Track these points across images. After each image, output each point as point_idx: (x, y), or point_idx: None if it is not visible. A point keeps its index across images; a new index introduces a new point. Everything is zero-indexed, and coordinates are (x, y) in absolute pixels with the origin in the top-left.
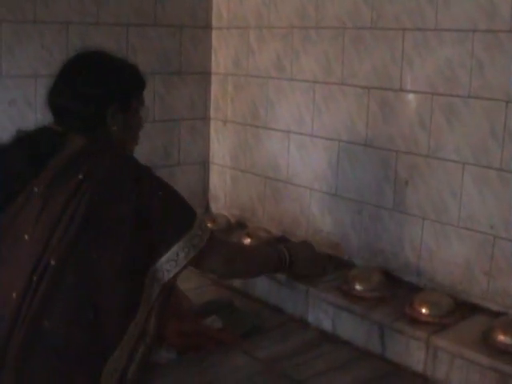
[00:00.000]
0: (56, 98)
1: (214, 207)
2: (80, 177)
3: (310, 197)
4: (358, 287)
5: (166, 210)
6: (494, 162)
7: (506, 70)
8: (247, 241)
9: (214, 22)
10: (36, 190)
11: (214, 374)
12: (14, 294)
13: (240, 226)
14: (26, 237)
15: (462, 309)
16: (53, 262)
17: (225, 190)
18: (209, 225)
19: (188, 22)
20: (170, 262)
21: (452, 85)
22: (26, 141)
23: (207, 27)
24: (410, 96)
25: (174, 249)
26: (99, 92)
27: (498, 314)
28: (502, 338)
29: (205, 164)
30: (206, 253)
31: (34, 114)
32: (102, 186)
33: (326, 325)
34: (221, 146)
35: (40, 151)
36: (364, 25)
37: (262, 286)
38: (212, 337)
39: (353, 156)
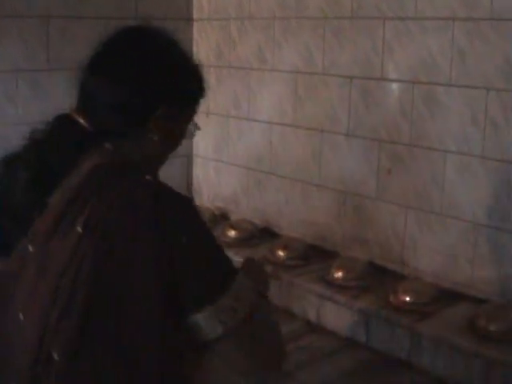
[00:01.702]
0: (95, 79)
1: (198, 200)
2: (78, 229)
3: (292, 187)
4: (342, 277)
5: (188, 263)
6: (476, 149)
7: (486, 57)
8: (231, 233)
9: (195, 14)
10: (31, 248)
11: None
12: None
13: (224, 217)
14: (21, 316)
15: (445, 296)
16: (56, 356)
17: (208, 183)
18: None
19: (169, 14)
20: (196, 333)
21: (433, 73)
22: (34, 152)
23: (188, 19)
24: (392, 85)
25: (196, 318)
26: (157, 81)
27: (481, 301)
28: (485, 324)
29: (188, 157)
30: (233, 339)
31: (15, 110)
32: (108, 240)
33: (311, 315)
34: (204, 139)
35: (52, 169)
36: (344, 14)
37: None
38: None
39: (335, 146)
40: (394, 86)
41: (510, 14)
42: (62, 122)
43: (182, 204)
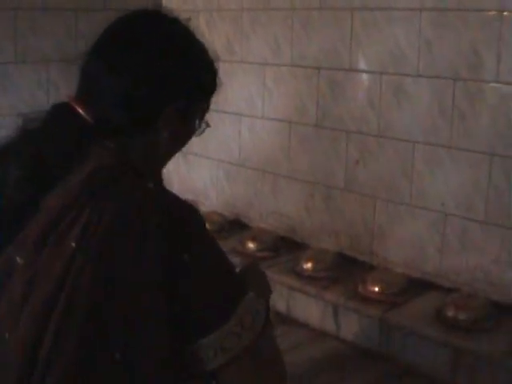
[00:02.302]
0: (98, 66)
1: None
2: (72, 244)
3: (262, 179)
4: (311, 268)
5: (192, 285)
6: (444, 140)
7: (453, 48)
8: None
9: (164, 6)
10: (18, 260)
11: None
12: None
13: None
14: (7, 335)
15: (414, 286)
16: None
17: (178, 175)
18: None
19: (138, 5)
20: (206, 353)
21: (400, 64)
22: (29, 146)
23: None
24: (360, 76)
25: (196, 345)
26: (169, 74)
27: (450, 291)
28: (454, 313)
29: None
30: (236, 367)
31: None
32: (104, 257)
33: (281, 306)
34: None
35: (48, 166)
36: (313, 5)
37: None
38: None
39: (304, 137)
40: (362, 76)
41: (476, 5)
42: (60, 112)
43: (187, 216)
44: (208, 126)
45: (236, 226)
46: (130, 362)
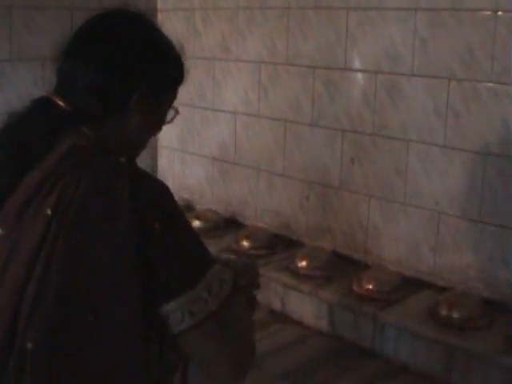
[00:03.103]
0: (71, 60)
1: None
2: (48, 212)
3: (257, 177)
4: (306, 266)
5: (162, 251)
6: (438, 139)
7: (448, 47)
8: (196, 223)
9: (160, 5)
10: (0, 231)
11: None
12: None
13: (189, 208)
14: None
15: (408, 285)
16: (29, 345)
17: (173, 173)
18: None
19: (134, 4)
20: (170, 318)
21: (395, 63)
22: (10, 134)
23: (152, 9)
24: (355, 75)
25: (165, 308)
26: (135, 62)
27: (444, 289)
28: (447, 312)
29: (153, 147)
30: (203, 331)
31: None
32: (79, 223)
33: (276, 304)
34: (168, 129)
35: (23, 156)
36: (308, 5)
37: None
38: None
39: (299, 136)
40: (357, 75)
41: (471, 4)
42: (40, 103)
43: (157, 189)
44: (177, 112)
45: (231, 224)
46: (102, 325)
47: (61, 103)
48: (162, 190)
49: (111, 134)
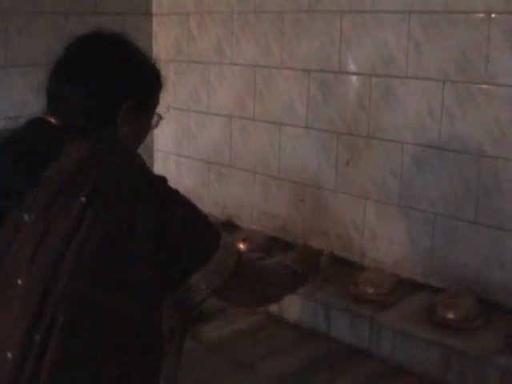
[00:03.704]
0: (59, 83)
1: None
2: (82, 199)
3: (253, 180)
4: None
5: (187, 232)
6: (433, 140)
7: (442, 50)
8: None
9: (155, 9)
10: (27, 217)
11: None
12: (10, 355)
13: None
14: (19, 281)
15: (404, 286)
16: (62, 318)
17: (169, 177)
18: None
19: (128, 9)
20: (192, 293)
21: (390, 66)
22: (14, 143)
23: (147, 14)
24: (349, 78)
25: (196, 276)
26: (117, 80)
27: (440, 291)
28: (444, 313)
29: (148, 151)
30: (231, 282)
31: None
32: (112, 210)
33: (272, 307)
34: (164, 133)
35: (34, 158)
36: (302, 8)
37: None
38: None
39: (294, 139)
40: (352, 78)
41: (464, 7)
42: (34, 121)
43: (166, 181)
44: (161, 117)
45: (227, 227)
46: (124, 305)
47: (52, 120)
48: (167, 182)
49: (109, 144)
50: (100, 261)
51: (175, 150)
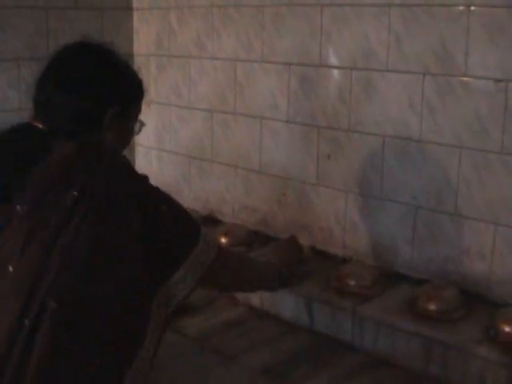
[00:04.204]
0: (46, 90)
1: None
2: (74, 193)
3: (234, 175)
4: None
5: (170, 227)
6: (413, 134)
7: (422, 43)
8: None
9: (135, 3)
10: (19, 208)
11: None
12: None
13: None
14: (11, 268)
15: (387, 279)
16: (53, 305)
17: (150, 171)
18: None
19: (109, 3)
20: (179, 285)
21: (370, 59)
22: (3, 142)
23: (128, 9)
24: (330, 71)
25: (182, 270)
26: (103, 87)
27: (421, 282)
28: (425, 304)
29: (130, 146)
30: (214, 269)
31: None
32: (102, 204)
33: (255, 300)
34: (145, 128)
35: (23, 155)
36: (282, 1)
37: None
38: None
39: (275, 133)
40: (332, 72)
41: (444, 0)
42: (21, 126)
43: (147, 179)
44: (143, 124)
45: (209, 221)
46: (112, 299)
47: (40, 125)
48: (148, 180)
49: (96, 147)
50: (88, 257)
51: (156, 144)
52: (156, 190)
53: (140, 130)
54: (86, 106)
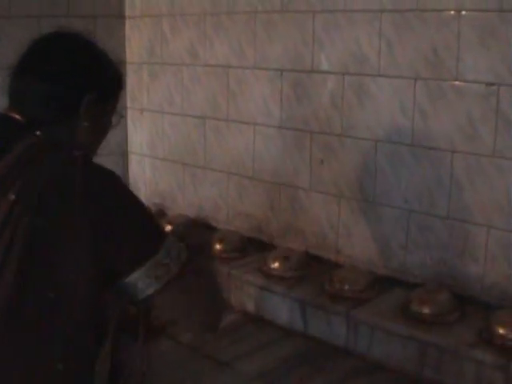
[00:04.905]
0: (21, 79)
1: None
2: (12, 197)
3: (228, 181)
4: (278, 267)
5: (121, 228)
6: (405, 138)
7: (413, 48)
8: (168, 228)
9: (128, 11)
10: None
11: None
12: None
13: (161, 213)
14: None
15: (380, 283)
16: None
17: (144, 179)
18: None
19: (101, 11)
20: (136, 288)
21: (362, 64)
22: None
23: (120, 17)
24: (322, 77)
25: (133, 277)
26: (78, 73)
27: (415, 286)
28: (419, 308)
29: (123, 154)
30: (171, 291)
31: None
32: (40, 206)
33: (249, 306)
34: (138, 135)
35: None
36: (275, 8)
37: None
38: None
39: (268, 138)
40: (325, 77)
41: (435, 5)
42: None
43: (107, 174)
44: (121, 116)
45: (203, 227)
46: (62, 300)
47: (17, 117)
48: (114, 176)
49: (63, 137)
50: (29, 260)
51: (149, 152)
52: (111, 185)
53: (118, 122)
54: (60, 91)
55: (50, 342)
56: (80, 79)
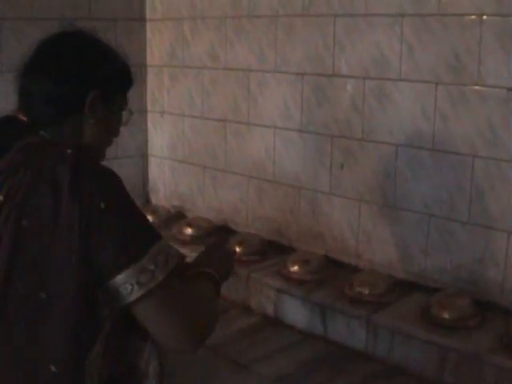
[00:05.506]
0: (28, 79)
1: (154, 199)
2: (0, 198)
3: (248, 184)
4: (298, 271)
5: (109, 229)
6: (426, 142)
7: (434, 52)
8: (188, 230)
9: (149, 14)
10: None
11: None
12: None
13: (181, 216)
14: None
15: (400, 287)
16: None
17: (164, 182)
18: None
19: (122, 14)
20: (122, 291)
21: (383, 68)
22: None
23: (141, 19)
24: (343, 81)
25: (118, 279)
26: (82, 71)
27: (435, 291)
28: (439, 313)
29: (143, 156)
30: (152, 301)
31: None
32: (26, 206)
33: (269, 309)
34: (159, 138)
35: None
36: (296, 12)
37: None
38: None
39: (288, 142)
40: (345, 81)
41: (456, 9)
42: (4, 120)
43: (103, 175)
44: (131, 113)
45: (223, 231)
46: (54, 301)
47: (22, 117)
48: (109, 176)
49: (68, 136)
50: (18, 262)
51: (170, 155)
52: (101, 184)
53: (129, 119)
54: (64, 89)
55: (43, 342)
56: (83, 76)
